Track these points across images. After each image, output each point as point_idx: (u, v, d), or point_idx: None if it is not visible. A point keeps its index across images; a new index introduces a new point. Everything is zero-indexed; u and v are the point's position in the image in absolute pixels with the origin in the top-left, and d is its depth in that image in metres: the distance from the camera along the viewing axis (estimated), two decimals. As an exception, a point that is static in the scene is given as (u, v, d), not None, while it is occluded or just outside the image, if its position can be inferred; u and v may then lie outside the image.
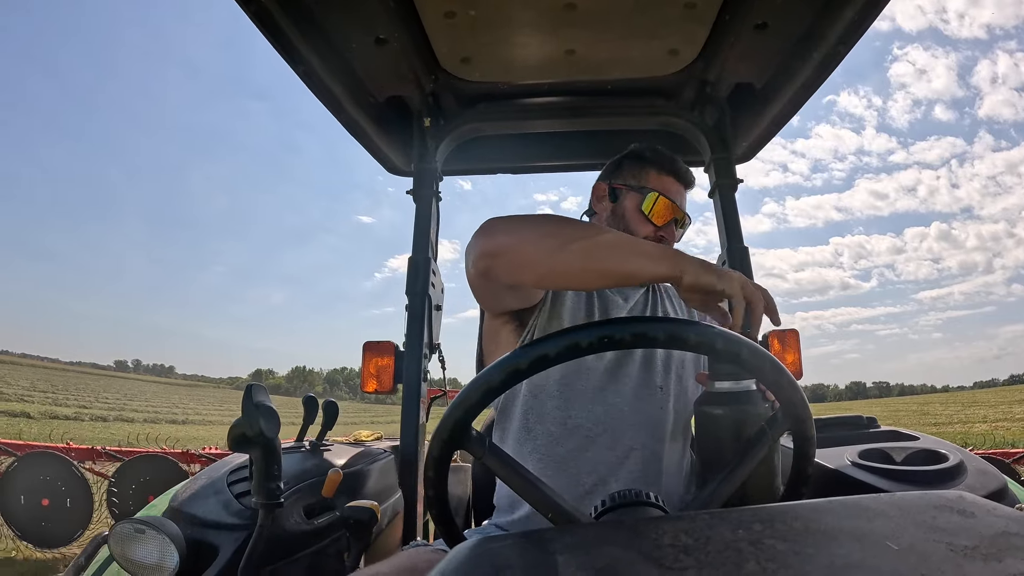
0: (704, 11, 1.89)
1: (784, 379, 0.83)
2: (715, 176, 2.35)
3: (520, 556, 0.56)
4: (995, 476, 1.45)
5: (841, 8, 1.75)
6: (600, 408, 1.42)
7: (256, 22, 1.74)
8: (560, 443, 1.41)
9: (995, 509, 0.57)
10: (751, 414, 0.95)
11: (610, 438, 1.40)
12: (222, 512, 1.39)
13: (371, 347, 2.23)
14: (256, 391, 1.20)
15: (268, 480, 1.22)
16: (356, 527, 1.48)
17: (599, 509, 0.90)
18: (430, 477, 0.86)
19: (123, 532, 1.24)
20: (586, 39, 2.03)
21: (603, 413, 1.42)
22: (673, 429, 1.46)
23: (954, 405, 55.48)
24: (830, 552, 0.50)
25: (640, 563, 0.50)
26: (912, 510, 0.57)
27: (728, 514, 0.60)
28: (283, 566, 1.42)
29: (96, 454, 5.67)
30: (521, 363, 0.80)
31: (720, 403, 0.97)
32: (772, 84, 2.19)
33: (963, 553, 0.48)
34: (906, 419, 39.96)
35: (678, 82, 2.27)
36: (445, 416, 0.84)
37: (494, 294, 1.37)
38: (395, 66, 2.08)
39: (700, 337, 0.80)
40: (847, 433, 1.81)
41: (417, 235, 2.34)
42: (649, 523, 0.61)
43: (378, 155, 2.54)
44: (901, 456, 1.60)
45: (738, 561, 0.49)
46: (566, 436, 1.41)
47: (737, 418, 0.95)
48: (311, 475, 1.58)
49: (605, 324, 0.80)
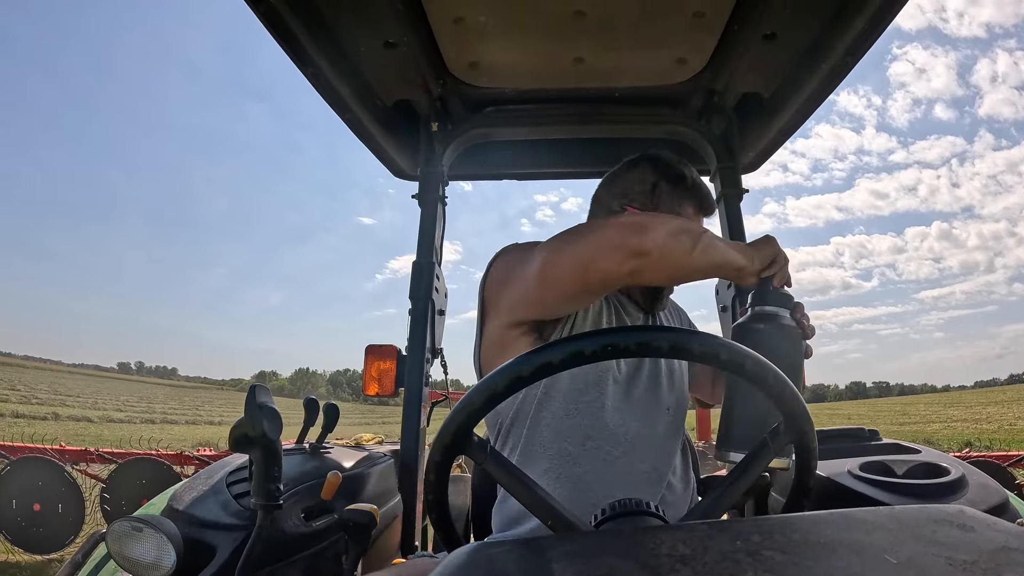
0: (713, 20, 1.89)
1: (787, 391, 0.83)
2: (721, 185, 2.35)
3: (517, 562, 0.56)
4: (996, 491, 1.44)
5: (850, 19, 1.75)
6: (618, 428, 1.39)
7: (266, 24, 1.74)
8: (577, 463, 1.37)
9: (995, 524, 0.57)
10: (788, 331, 1.16)
11: (627, 460, 1.37)
12: (221, 512, 1.39)
13: (373, 350, 2.23)
14: (259, 392, 1.20)
15: (268, 481, 1.22)
16: (355, 530, 1.48)
17: (599, 517, 0.90)
18: (431, 481, 0.86)
19: (121, 530, 1.24)
20: (594, 47, 2.03)
21: (622, 434, 1.39)
22: (682, 449, 1.46)
23: (936, 405, 55.90)
24: (828, 564, 0.50)
25: (637, 572, 0.50)
26: (912, 524, 0.57)
27: (727, 525, 0.60)
28: (281, 568, 1.42)
29: (89, 456, 5.64)
30: (524, 370, 0.79)
31: (761, 320, 1.17)
32: (780, 94, 2.19)
33: (962, 568, 0.48)
34: (885, 417, 40.52)
35: (686, 91, 2.27)
36: (447, 421, 0.83)
37: (576, 300, 1.30)
38: (403, 70, 2.09)
39: (704, 347, 0.79)
40: (848, 445, 1.80)
41: (422, 239, 2.34)
42: (647, 532, 0.60)
43: (384, 159, 2.54)
44: (902, 469, 1.59)
45: (735, 572, 0.49)
46: (584, 456, 1.37)
47: (775, 333, 1.15)
48: (311, 477, 1.58)
49: (609, 332, 0.80)
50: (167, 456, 5.43)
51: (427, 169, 2.39)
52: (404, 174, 2.67)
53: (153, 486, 4.75)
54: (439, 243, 2.42)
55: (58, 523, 4.96)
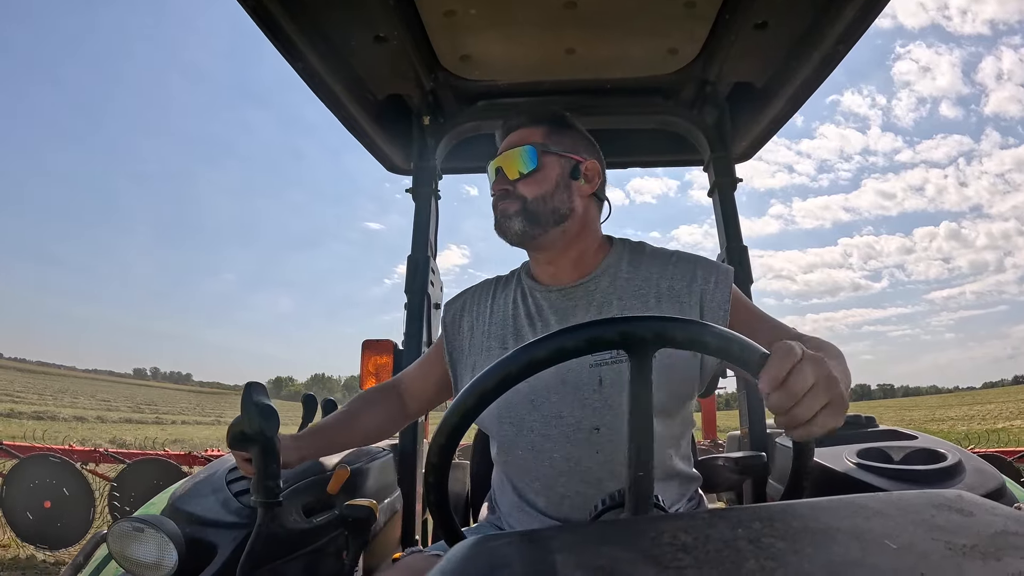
0: (704, 10, 1.89)
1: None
2: (714, 175, 2.35)
3: (519, 555, 0.56)
4: (993, 475, 1.45)
5: (841, 8, 1.75)
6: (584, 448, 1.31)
7: (256, 19, 1.74)
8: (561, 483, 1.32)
9: (994, 508, 0.57)
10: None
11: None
12: (221, 510, 1.39)
13: (370, 346, 2.23)
14: (255, 390, 1.20)
15: (267, 478, 1.22)
16: (355, 526, 1.48)
17: (598, 508, 0.90)
18: (430, 483, 0.86)
19: (122, 530, 1.24)
20: (586, 38, 2.03)
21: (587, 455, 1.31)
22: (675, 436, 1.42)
23: (925, 409, 56.56)
24: (829, 551, 0.50)
25: (639, 562, 0.50)
26: (911, 509, 0.57)
27: (727, 513, 0.60)
28: (282, 564, 1.42)
29: (99, 456, 5.70)
30: (512, 368, 0.80)
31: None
32: (772, 83, 2.19)
33: (962, 552, 0.48)
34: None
35: (678, 81, 2.27)
36: (442, 422, 0.84)
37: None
38: (395, 64, 2.08)
39: (687, 334, 0.79)
40: (846, 432, 1.81)
41: (416, 233, 2.34)
42: (648, 522, 0.61)
43: (377, 153, 2.54)
44: (900, 455, 1.60)
45: (737, 560, 0.49)
46: (569, 477, 1.31)
47: None
48: (310, 473, 1.58)
49: (593, 325, 0.80)
50: (175, 457, 5.47)
51: (420, 163, 2.39)
52: (397, 168, 2.66)
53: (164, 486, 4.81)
54: (433, 237, 2.42)
55: (68, 520, 5.00)
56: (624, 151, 2.61)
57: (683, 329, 0.79)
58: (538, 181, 1.39)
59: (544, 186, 1.39)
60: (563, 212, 1.39)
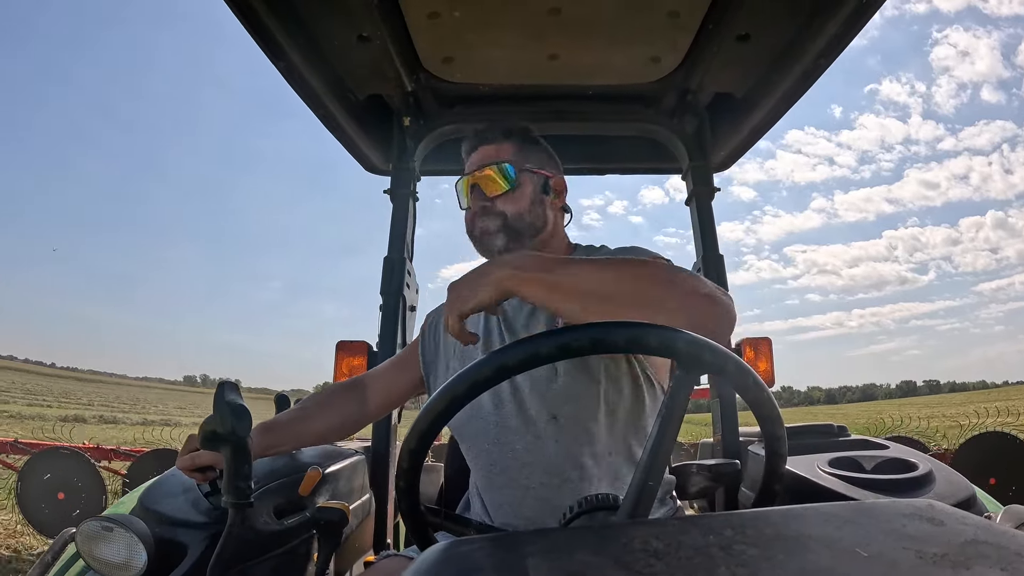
0: (687, 20, 1.91)
1: (750, 379, 0.83)
2: (692, 184, 2.37)
3: (490, 559, 0.56)
4: (964, 486, 1.47)
5: (823, 22, 1.77)
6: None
7: (239, 16, 1.72)
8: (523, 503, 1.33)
9: (964, 518, 0.58)
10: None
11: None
12: (191, 511, 1.38)
13: (344, 347, 2.21)
14: (227, 389, 1.18)
15: (238, 479, 1.20)
16: (326, 528, 1.47)
17: (568, 515, 0.90)
18: (401, 488, 0.86)
19: (90, 530, 1.22)
20: (569, 44, 2.04)
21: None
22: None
23: (918, 407, 56.85)
24: (801, 558, 0.50)
25: (610, 567, 0.50)
26: (882, 518, 0.58)
27: (699, 520, 0.61)
28: (252, 566, 1.40)
29: (112, 453, 6.07)
30: (484, 372, 0.79)
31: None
32: (752, 94, 2.21)
33: (932, 561, 0.49)
34: (888, 418, 40.54)
35: (659, 89, 2.28)
36: (412, 427, 0.83)
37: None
38: (377, 64, 2.07)
39: (661, 340, 0.79)
40: (818, 441, 1.83)
41: (393, 235, 2.34)
42: (620, 527, 0.60)
43: (356, 153, 2.52)
44: (871, 464, 1.62)
45: (709, 566, 0.49)
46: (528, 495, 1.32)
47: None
48: (281, 475, 1.56)
49: (564, 331, 0.80)
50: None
51: (399, 164, 2.38)
52: (376, 169, 2.65)
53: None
54: (410, 239, 2.41)
55: (83, 509, 5.19)
56: (603, 158, 2.62)
57: (657, 335, 0.79)
58: (516, 198, 1.44)
59: (521, 203, 1.45)
60: (538, 226, 1.46)
